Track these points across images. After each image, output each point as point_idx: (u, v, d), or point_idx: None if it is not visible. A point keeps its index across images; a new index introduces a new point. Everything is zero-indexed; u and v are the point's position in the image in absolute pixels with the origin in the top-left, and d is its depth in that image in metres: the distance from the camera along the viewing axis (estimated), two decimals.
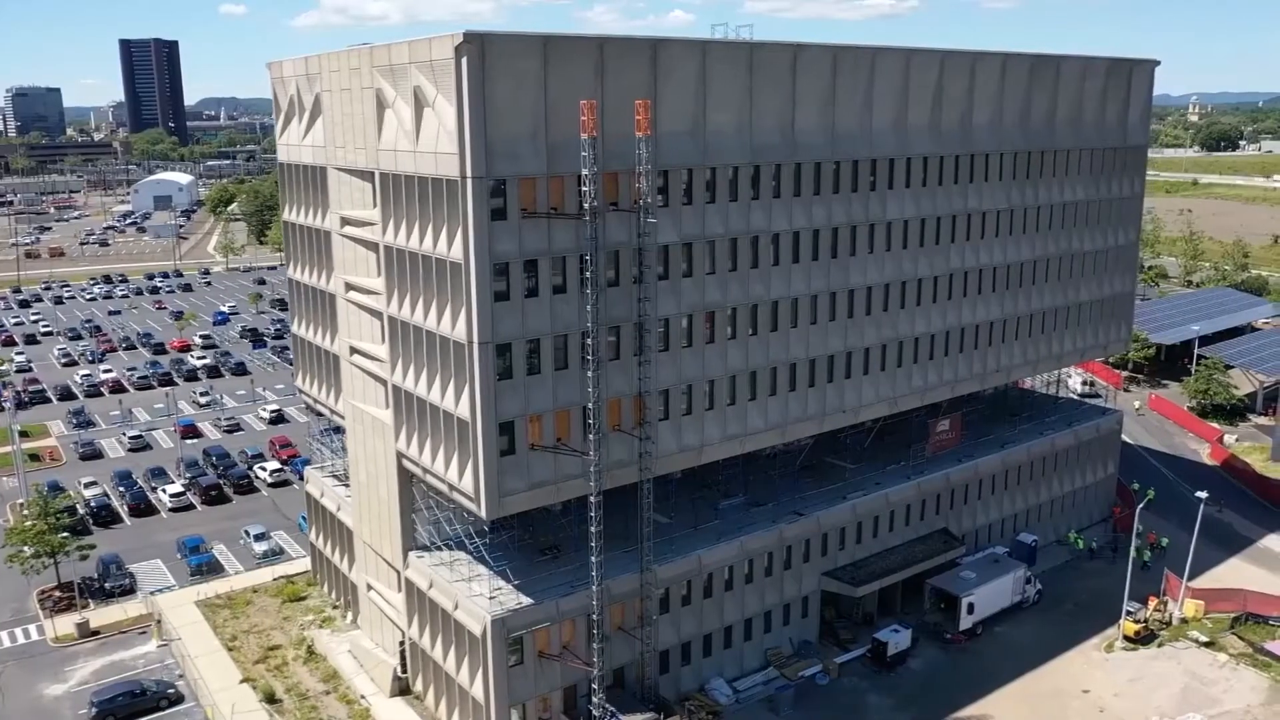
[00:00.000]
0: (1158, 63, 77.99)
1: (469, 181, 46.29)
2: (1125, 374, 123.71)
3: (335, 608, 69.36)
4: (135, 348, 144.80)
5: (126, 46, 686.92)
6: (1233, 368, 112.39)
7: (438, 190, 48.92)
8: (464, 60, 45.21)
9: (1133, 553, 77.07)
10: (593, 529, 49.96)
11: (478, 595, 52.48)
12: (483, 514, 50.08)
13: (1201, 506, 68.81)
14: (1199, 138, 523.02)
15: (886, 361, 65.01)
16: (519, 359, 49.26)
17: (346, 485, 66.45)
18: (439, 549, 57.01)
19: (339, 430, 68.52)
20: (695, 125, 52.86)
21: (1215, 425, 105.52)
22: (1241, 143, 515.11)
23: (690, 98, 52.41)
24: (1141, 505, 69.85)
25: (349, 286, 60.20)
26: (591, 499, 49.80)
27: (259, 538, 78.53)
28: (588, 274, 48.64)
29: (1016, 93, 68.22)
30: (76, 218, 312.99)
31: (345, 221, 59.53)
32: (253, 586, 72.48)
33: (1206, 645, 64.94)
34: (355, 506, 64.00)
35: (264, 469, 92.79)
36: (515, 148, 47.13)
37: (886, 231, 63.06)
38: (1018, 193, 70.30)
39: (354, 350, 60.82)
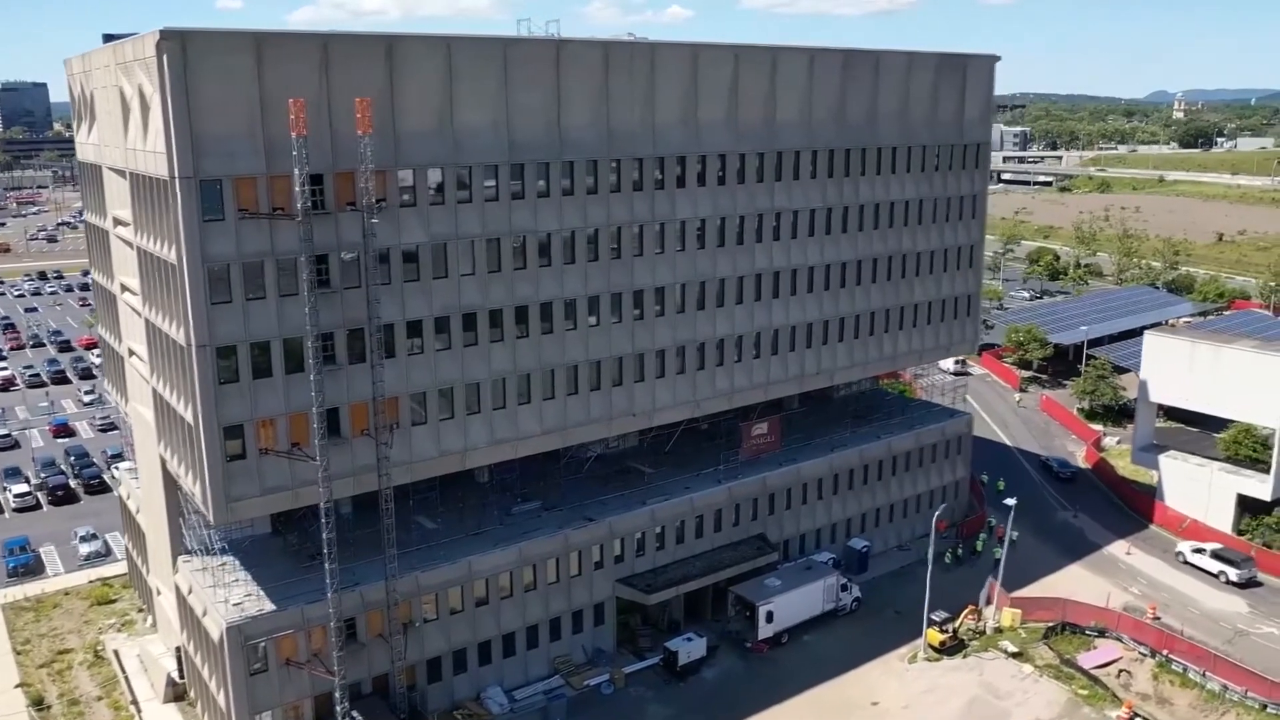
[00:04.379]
0: (997, 58, 76.54)
1: (177, 181, 45.20)
2: (1027, 374, 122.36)
3: (140, 611, 68.43)
4: (44, 345, 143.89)
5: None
6: (1125, 370, 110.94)
7: (159, 190, 47.88)
8: (165, 57, 44.10)
9: (978, 546, 76.29)
10: (325, 535, 48.81)
11: (221, 601, 51.48)
12: (210, 519, 49.14)
13: (1011, 514, 67.67)
14: (1177, 135, 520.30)
15: (686, 364, 63.76)
16: (245, 362, 48.15)
17: None
18: (208, 554, 55.92)
19: None
20: (442, 123, 51.61)
21: (1099, 427, 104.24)
22: (1219, 139, 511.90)
23: (435, 96, 51.19)
24: (939, 513, 68.31)
25: (124, 288, 59.26)
26: (322, 505, 48.65)
27: (85, 539, 77.58)
28: (307, 276, 47.41)
29: (828, 89, 66.80)
30: (35, 213, 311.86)
31: (117, 222, 58.58)
32: (66, 589, 71.58)
33: (1015, 656, 63.64)
34: (144, 509, 63.10)
35: (119, 469, 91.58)
36: (229, 146, 45.97)
37: (680, 231, 61.80)
38: (835, 191, 68.90)
39: (131, 352, 59.89)
